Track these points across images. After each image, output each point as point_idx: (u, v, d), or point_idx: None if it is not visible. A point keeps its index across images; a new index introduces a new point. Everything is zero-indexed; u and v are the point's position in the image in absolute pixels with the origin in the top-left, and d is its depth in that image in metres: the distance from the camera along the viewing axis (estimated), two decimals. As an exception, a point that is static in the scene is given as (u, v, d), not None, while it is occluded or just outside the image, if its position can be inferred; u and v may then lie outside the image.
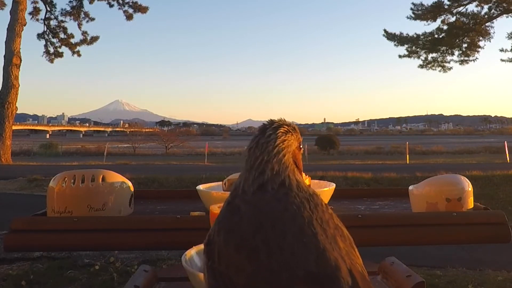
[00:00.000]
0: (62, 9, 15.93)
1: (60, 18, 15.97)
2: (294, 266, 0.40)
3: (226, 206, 0.48)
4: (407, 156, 13.56)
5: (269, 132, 0.51)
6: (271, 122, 0.53)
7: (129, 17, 15.89)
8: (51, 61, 16.21)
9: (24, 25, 13.80)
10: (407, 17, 14.20)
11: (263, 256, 0.41)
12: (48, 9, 15.94)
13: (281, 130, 0.51)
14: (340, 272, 0.40)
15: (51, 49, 16.08)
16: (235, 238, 0.43)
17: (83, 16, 15.95)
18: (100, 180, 1.24)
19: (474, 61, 14.43)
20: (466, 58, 14.37)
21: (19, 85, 13.21)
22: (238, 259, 0.42)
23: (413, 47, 14.48)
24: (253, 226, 0.43)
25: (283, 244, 0.41)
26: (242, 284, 0.41)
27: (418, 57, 14.70)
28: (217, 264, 0.43)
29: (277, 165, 0.48)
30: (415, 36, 14.26)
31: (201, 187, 1.42)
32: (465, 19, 13.78)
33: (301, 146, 0.55)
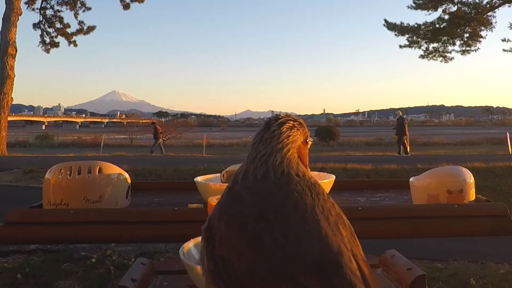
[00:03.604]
0: (58, -2, 15.70)
1: (56, 7, 15.77)
2: (297, 253, 0.40)
3: (227, 192, 0.48)
4: (408, 147, 13.56)
5: (274, 128, 0.51)
6: (276, 117, 0.53)
7: (126, 6, 15.69)
8: (47, 51, 16.05)
9: (20, 15, 13.61)
10: (408, 7, 14.08)
11: (267, 242, 0.41)
12: (44, -2, 15.71)
13: (286, 126, 0.51)
14: (343, 258, 0.40)
15: (47, 39, 15.90)
16: (238, 224, 0.43)
17: (80, 5, 15.74)
18: (97, 171, 1.23)
19: (475, 51, 14.34)
20: (467, 48, 14.28)
21: (14, 76, 13.08)
22: (241, 245, 0.41)
23: (414, 37, 14.37)
24: (256, 212, 0.43)
25: (286, 231, 0.41)
26: (244, 270, 0.40)
27: (419, 47, 14.60)
28: (218, 249, 0.43)
29: (279, 158, 0.49)
30: (416, 26, 14.14)
31: (199, 179, 1.40)
32: (466, 9, 13.65)
33: (307, 140, 0.55)
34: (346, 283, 0.38)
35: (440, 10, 13.88)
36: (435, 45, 14.51)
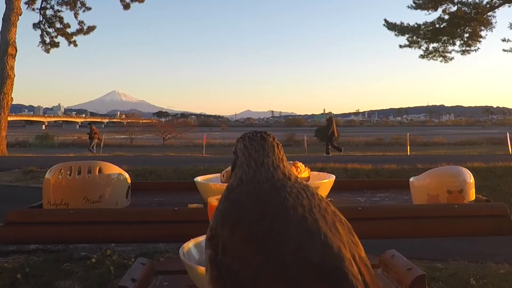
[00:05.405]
0: (58, -2, 15.68)
1: (56, 7, 15.76)
2: (302, 256, 0.39)
3: (225, 200, 0.48)
4: (408, 147, 13.54)
5: (261, 140, 0.51)
6: (258, 132, 0.54)
7: (126, 6, 15.69)
8: (47, 51, 16.04)
9: (20, 15, 13.60)
10: (408, 7, 14.08)
11: (271, 246, 0.40)
12: (44, -2, 15.69)
13: (271, 139, 0.52)
14: (345, 263, 0.40)
15: (47, 39, 15.90)
16: (241, 231, 0.42)
17: (80, 5, 15.74)
18: (97, 171, 1.23)
19: (475, 51, 14.34)
20: (467, 48, 14.27)
21: (14, 76, 13.08)
22: (246, 251, 0.41)
23: (414, 37, 14.37)
24: (257, 216, 0.43)
25: (289, 233, 0.41)
26: (249, 277, 0.40)
27: (419, 47, 14.60)
28: (221, 257, 0.43)
29: (273, 164, 0.49)
30: (416, 25, 14.13)
31: (199, 179, 1.40)
32: (466, 9, 13.64)
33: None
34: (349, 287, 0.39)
35: (440, 10, 13.89)
36: (435, 45, 14.52)
